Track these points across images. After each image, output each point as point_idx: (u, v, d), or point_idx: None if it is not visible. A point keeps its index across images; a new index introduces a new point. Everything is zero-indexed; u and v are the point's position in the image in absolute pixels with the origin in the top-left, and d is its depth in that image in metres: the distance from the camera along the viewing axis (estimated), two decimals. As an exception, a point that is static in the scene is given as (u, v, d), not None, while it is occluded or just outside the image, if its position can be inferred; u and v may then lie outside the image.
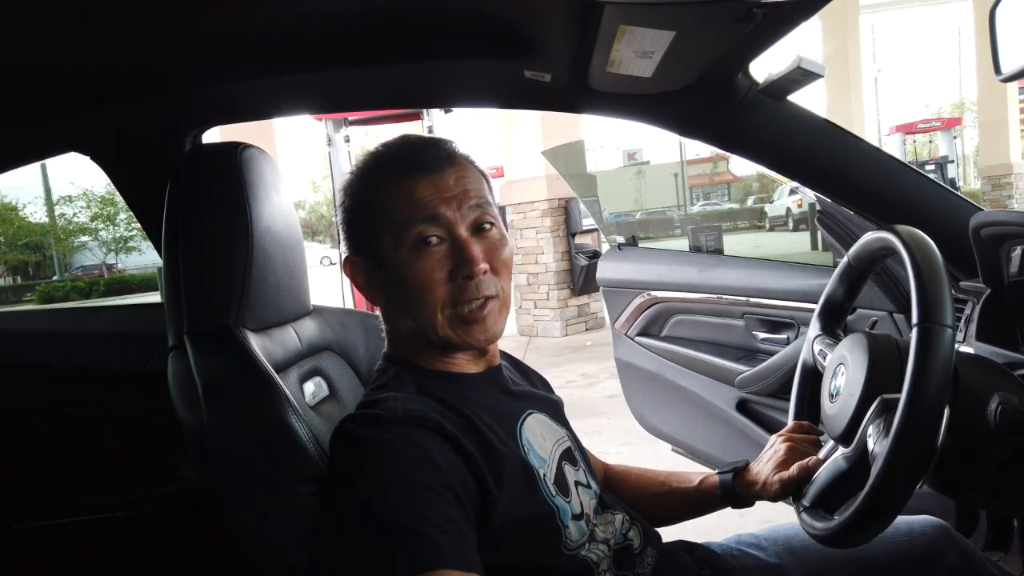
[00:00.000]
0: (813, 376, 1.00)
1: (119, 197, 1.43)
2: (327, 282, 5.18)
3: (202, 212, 0.88)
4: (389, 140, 0.89)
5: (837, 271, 0.98)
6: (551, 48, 1.02)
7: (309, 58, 1.06)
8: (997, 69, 0.91)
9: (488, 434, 0.80)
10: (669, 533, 0.97)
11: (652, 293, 1.97)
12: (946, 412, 0.71)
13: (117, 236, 23.75)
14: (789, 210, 18.01)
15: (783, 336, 1.71)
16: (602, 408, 4.00)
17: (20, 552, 1.24)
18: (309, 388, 0.94)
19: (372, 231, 0.84)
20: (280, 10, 0.91)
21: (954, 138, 16.67)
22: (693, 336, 1.92)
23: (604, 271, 2.13)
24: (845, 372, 0.83)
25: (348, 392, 1.02)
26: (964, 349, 1.02)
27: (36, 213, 24.83)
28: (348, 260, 0.89)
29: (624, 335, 2.08)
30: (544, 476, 0.82)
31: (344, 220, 0.88)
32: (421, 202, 0.81)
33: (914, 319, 0.70)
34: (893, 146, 16.30)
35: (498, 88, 1.22)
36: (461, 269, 0.81)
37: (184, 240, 0.88)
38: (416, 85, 1.24)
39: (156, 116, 1.16)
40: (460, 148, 0.88)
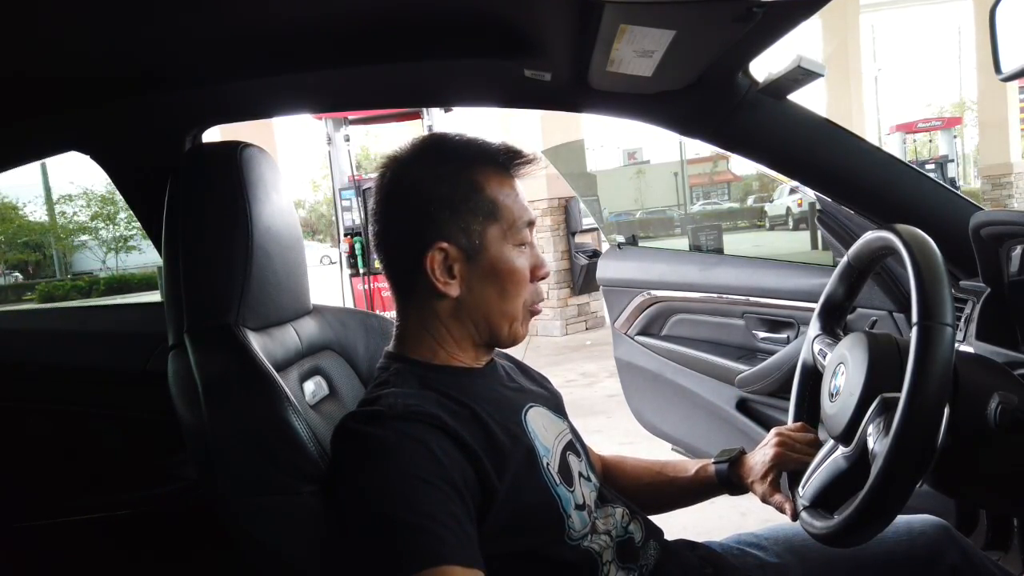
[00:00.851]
0: (813, 375, 1.00)
1: (119, 196, 1.43)
2: (327, 282, 5.18)
3: (202, 211, 0.88)
4: (473, 136, 0.90)
5: (837, 270, 0.98)
6: (551, 47, 1.02)
7: (309, 57, 1.05)
8: (997, 68, 0.91)
9: (492, 424, 0.80)
10: (670, 532, 0.98)
11: (652, 292, 1.97)
12: (946, 411, 0.71)
13: (117, 235, 23.75)
14: (789, 209, 17.99)
15: (783, 335, 1.71)
16: (602, 407, 4.00)
17: (20, 552, 1.24)
18: (309, 387, 0.94)
19: (477, 220, 0.84)
20: (280, 9, 0.91)
21: (954, 137, 16.65)
22: (693, 335, 1.92)
23: (604, 270, 2.13)
24: (845, 371, 0.83)
25: (348, 391, 1.02)
26: (964, 348, 1.02)
27: (36, 212, 24.85)
28: (439, 246, 0.83)
29: (624, 334, 2.08)
30: (548, 465, 0.83)
31: (425, 199, 0.83)
32: (525, 207, 0.89)
33: (914, 318, 0.70)
34: (893, 145, 16.27)
35: (498, 87, 1.22)
36: (538, 272, 0.90)
37: (184, 239, 0.88)
38: (416, 84, 1.24)
39: (156, 115, 1.16)
40: None
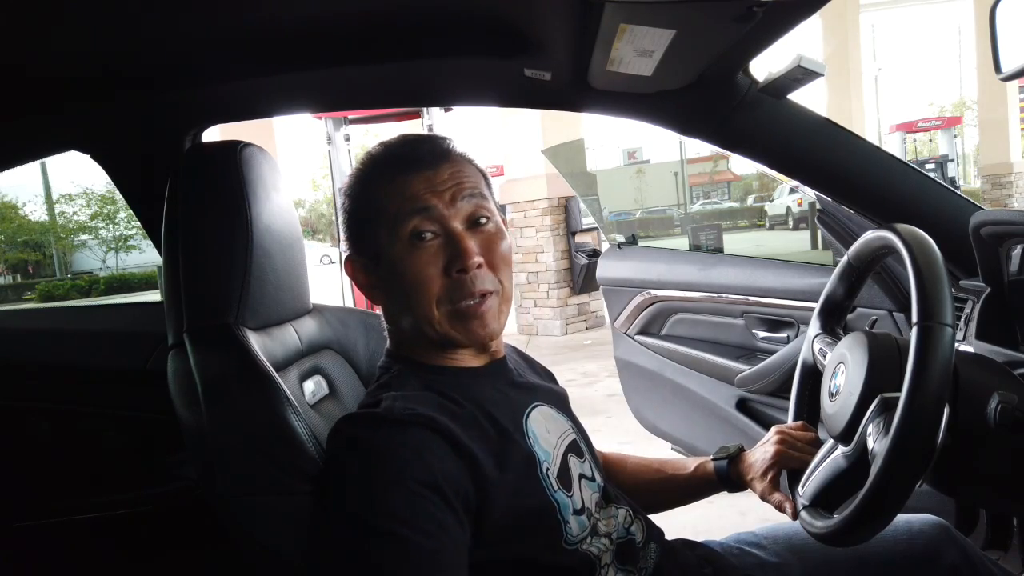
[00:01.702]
0: (813, 375, 1.00)
1: (119, 196, 1.43)
2: (327, 281, 5.18)
3: (202, 211, 0.88)
4: (386, 140, 0.89)
5: (837, 270, 0.98)
6: (551, 47, 1.01)
7: (309, 57, 1.05)
8: (997, 68, 0.91)
9: (491, 427, 0.80)
10: (670, 532, 0.97)
11: (652, 292, 1.97)
12: (946, 411, 0.71)
13: (117, 235, 23.75)
14: (789, 209, 18.00)
15: (783, 335, 1.71)
16: (602, 407, 4.00)
17: (20, 552, 1.24)
18: (309, 387, 0.94)
19: (369, 229, 0.84)
20: (280, 9, 0.91)
21: (954, 137, 16.64)
22: (693, 335, 1.92)
23: (604, 270, 2.13)
24: (845, 371, 0.83)
25: (348, 391, 1.02)
26: (964, 348, 1.02)
27: (36, 211, 24.86)
28: (348, 260, 0.89)
29: (624, 334, 2.08)
30: (547, 470, 0.82)
31: (344, 221, 0.89)
32: (414, 196, 0.81)
33: (914, 318, 0.70)
34: (893, 145, 16.25)
35: (498, 87, 1.22)
36: (455, 263, 0.80)
37: (184, 239, 0.88)
38: (416, 84, 1.24)
39: (156, 115, 1.16)
40: (456, 145, 0.88)
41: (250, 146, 0.92)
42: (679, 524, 1.07)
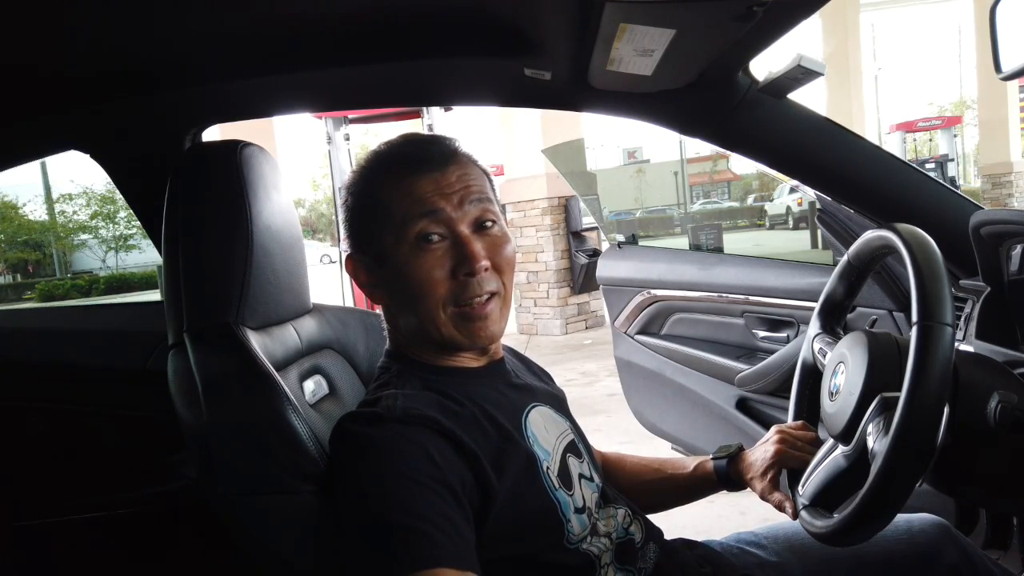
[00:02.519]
0: (813, 374, 1.00)
1: (119, 195, 1.43)
2: (327, 280, 5.18)
3: (202, 210, 0.88)
4: (391, 139, 0.89)
5: (837, 269, 0.98)
6: (551, 46, 1.01)
7: (309, 56, 1.05)
8: (997, 67, 0.91)
9: (491, 427, 0.80)
10: (670, 532, 0.97)
11: (652, 291, 1.97)
12: (946, 410, 0.71)
13: (117, 234, 23.75)
14: (789, 208, 17.99)
15: (783, 334, 1.71)
16: (602, 406, 4.00)
17: (20, 551, 1.24)
18: (309, 386, 0.94)
19: (374, 229, 0.84)
20: (280, 8, 0.91)
21: (954, 136, 16.64)
22: (693, 334, 1.92)
23: (604, 269, 2.13)
24: (845, 370, 0.83)
25: (348, 390, 1.02)
26: (964, 347, 1.02)
27: (36, 211, 24.86)
28: (350, 258, 0.89)
29: (624, 333, 2.08)
30: (547, 469, 0.82)
31: (346, 219, 0.88)
32: (422, 198, 0.81)
33: (914, 317, 0.70)
34: (893, 144, 16.25)
35: (498, 86, 1.22)
36: (462, 266, 0.80)
37: (184, 238, 0.88)
38: (416, 83, 1.24)
39: (156, 114, 1.16)
40: (462, 146, 0.88)
41: (250, 146, 0.92)
42: (679, 524, 1.07)
